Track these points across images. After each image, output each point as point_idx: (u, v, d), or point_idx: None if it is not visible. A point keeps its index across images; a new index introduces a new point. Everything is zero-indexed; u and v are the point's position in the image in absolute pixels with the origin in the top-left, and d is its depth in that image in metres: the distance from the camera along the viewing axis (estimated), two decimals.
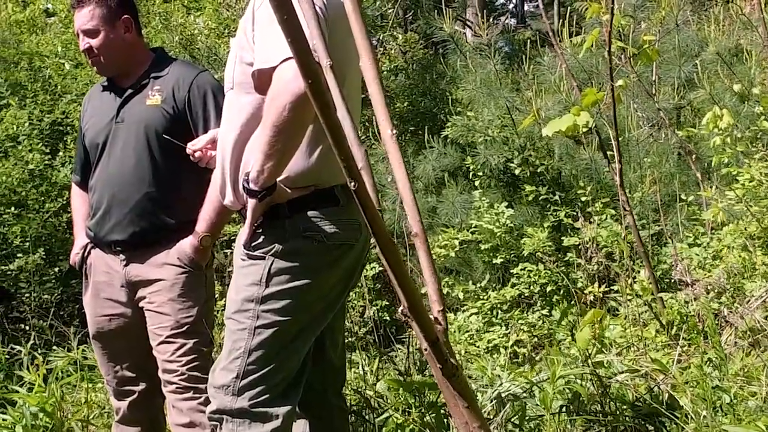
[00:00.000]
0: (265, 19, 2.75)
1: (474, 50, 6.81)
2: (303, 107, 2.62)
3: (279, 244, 2.85)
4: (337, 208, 2.91)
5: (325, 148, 2.86)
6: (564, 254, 6.14)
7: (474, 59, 6.57)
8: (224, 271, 7.32)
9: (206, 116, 3.80)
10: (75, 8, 3.89)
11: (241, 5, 7.71)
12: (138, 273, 3.83)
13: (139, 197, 3.78)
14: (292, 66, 2.61)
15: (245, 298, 2.87)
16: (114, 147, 3.84)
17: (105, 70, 3.93)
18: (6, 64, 10.16)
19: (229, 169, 2.93)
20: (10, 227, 7.71)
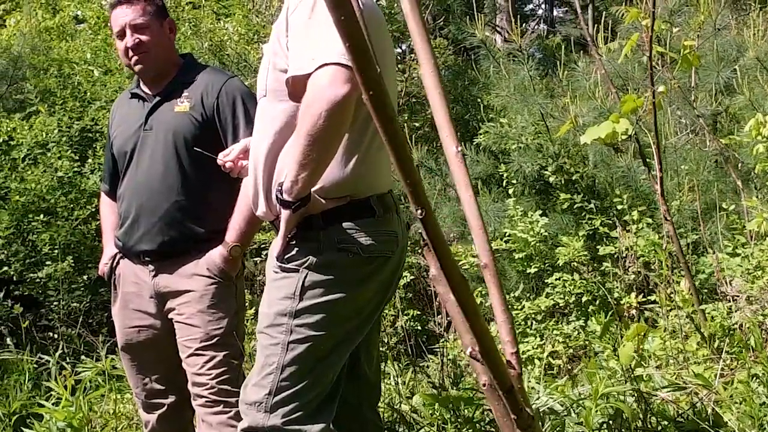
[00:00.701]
0: (299, 25, 2.66)
1: (507, 56, 6.70)
2: (339, 115, 2.53)
3: (313, 257, 2.76)
4: (373, 220, 2.82)
5: (361, 157, 2.77)
6: (599, 264, 6.01)
7: (507, 65, 6.45)
8: (253, 280, 7.25)
9: (235, 123, 3.72)
10: (122, 4, 3.81)
11: (270, 12, 7.63)
12: (167, 284, 3.76)
13: (168, 206, 3.71)
14: (327, 72, 2.53)
15: (278, 311, 2.78)
16: (142, 155, 3.76)
17: (149, 68, 3.83)
18: (36, 71, 10.16)
19: (262, 179, 2.85)
20: (39, 235, 7.67)
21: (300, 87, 2.62)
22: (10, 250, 7.68)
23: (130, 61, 3.80)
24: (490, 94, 6.94)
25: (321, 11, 2.63)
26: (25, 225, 7.83)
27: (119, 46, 3.81)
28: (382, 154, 2.91)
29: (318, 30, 2.61)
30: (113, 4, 3.85)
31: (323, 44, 2.57)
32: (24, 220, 7.83)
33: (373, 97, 1.42)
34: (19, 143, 8.39)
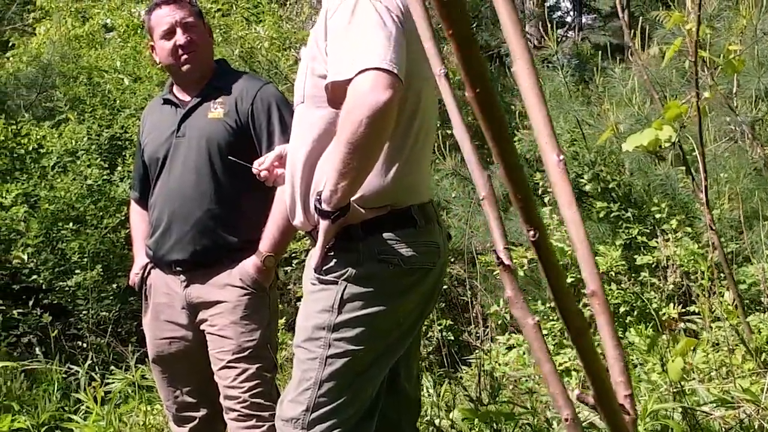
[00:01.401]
0: (339, 29, 2.57)
1: (541, 63, 6.59)
2: (381, 122, 2.44)
3: (352, 268, 2.66)
4: (414, 230, 2.72)
5: (402, 165, 2.68)
6: (637, 273, 5.88)
7: (542, 72, 6.35)
8: (284, 289, 7.17)
9: (270, 130, 3.64)
10: (167, 4, 3.74)
11: (301, 18, 7.57)
12: (199, 294, 3.68)
13: (201, 214, 3.62)
14: (369, 78, 2.43)
15: (316, 325, 2.69)
16: (174, 162, 3.68)
17: (195, 69, 3.75)
18: (65, 78, 10.16)
19: (300, 188, 2.76)
20: (68, 243, 7.64)
21: (340, 93, 2.52)
22: (39, 258, 7.64)
23: (178, 60, 3.72)
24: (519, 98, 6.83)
25: (362, 14, 2.54)
26: (55, 233, 7.80)
27: (165, 45, 3.72)
28: (424, 162, 2.82)
29: (359, 34, 2.52)
30: (157, 4, 3.78)
31: (364, 48, 2.48)
32: (53, 228, 7.80)
33: (479, 95, 1.15)
34: (48, 151, 8.38)
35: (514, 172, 1.24)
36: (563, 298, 1.31)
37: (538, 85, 1.25)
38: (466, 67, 1.13)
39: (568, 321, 1.32)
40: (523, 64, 1.27)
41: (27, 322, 7.29)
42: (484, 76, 1.14)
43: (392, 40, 2.50)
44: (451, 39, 1.10)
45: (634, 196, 6.25)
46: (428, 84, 2.78)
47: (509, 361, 5.73)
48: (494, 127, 1.20)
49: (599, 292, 1.39)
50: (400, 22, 2.57)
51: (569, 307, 1.32)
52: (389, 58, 2.45)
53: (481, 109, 1.18)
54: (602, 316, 1.41)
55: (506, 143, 1.22)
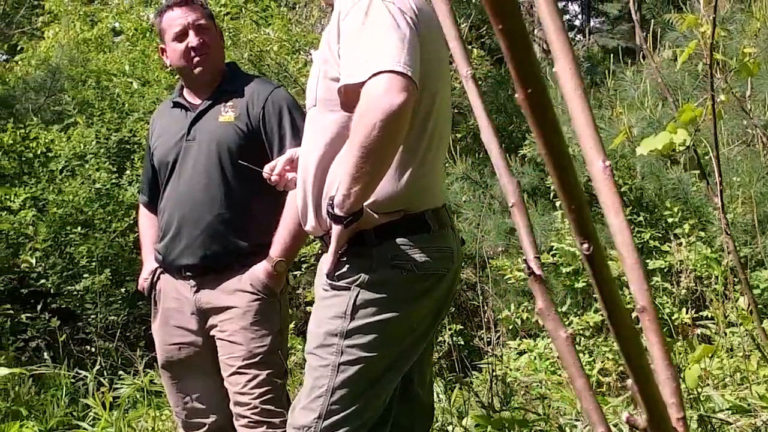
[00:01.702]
0: (352, 31, 2.53)
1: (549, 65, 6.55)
2: (394, 125, 2.40)
3: (365, 274, 2.62)
4: (428, 235, 2.68)
5: (416, 169, 2.64)
6: (649, 278, 5.83)
7: (553, 75, 6.26)
8: (292, 294, 7.14)
9: (282, 134, 3.60)
10: (179, 6, 3.71)
11: (310, 21, 7.53)
12: (209, 300, 3.64)
13: (211, 219, 3.59)
14: (382, 81, 2.39)
15: (328, 331, 2.65)
16: (184, 166, 3.65)
17: (207, 71, 3.71)
18: (74, 82, 10.16)
19: (312, 193, 2.72)
20: (77, 247, 7.62)
21: (353, 96, 2.49)
22: (47, 262, 7.63)
23: (190, 63, 3.68)
24: None
25: (375, 16, 2.51)
26: (63, 237, 7.79)
27: (177, 48, 3.68)
28: (437, 166, 2.79)
29: (372, 36, 2.48)
30: (168, 6, 3.74)
31: (378, 51, 2.44)
32: (61, 232, 7.79)
33: (531, 96, 1.06)
34: (57, 155, 8.37)
35: (567, 179, 1.14)
36: (618, 316, 1.22)
37: (582, 87, 1.18)
38: (517, 66, 1.03)
39: (622, 341, 1.24)
40: (566, 63, 1.17)
41: (35, 326, 7.29)
42: (537, 76, 1.05)
43: (406, 42, 2.46)
44: (501, 35, 1.02)
45: (645, 200, 6.20)
46: (442, 86, 2.74)
47: (520, 367, 5.68)
48: (547, 130, 1.10)
49: (649, 308, 1.32)
50: (413, 24, 2.54)
51: (624, 325, 1.23)
52: (403, 61, 2.41)
53: (533, 111, 1.08)
54: (653, 335, 1.33)
55: (560, 148, 1.12)
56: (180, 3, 3.73)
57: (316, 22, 7.60)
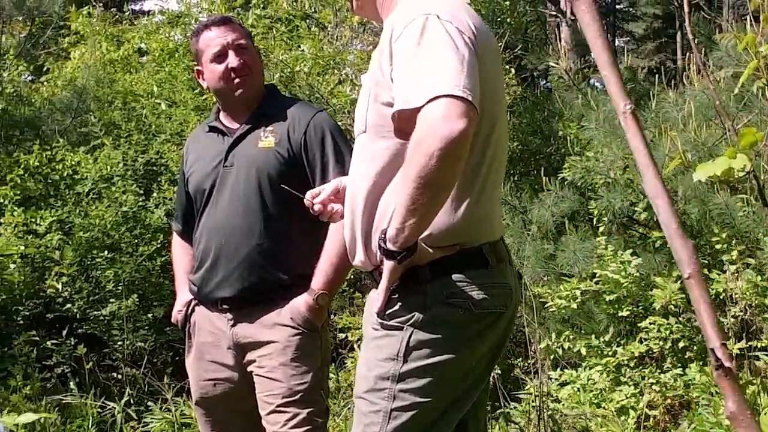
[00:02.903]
0: (407, 53, 2.36)
1: (590, 86, 6.38)
2: (454, 154, 2.22)
3: (419, 313, 2.44)
4: (485, 271, 2.50)
5: (473, 200, 2.46)
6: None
7: (595, 96, 6.11)
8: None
9: (324, 160, 3.43)
10: (217, 25, 3.56)
11: (342, 41, 7.38)
12: (247, 334, 3.47)
13: (249, 249, 3.42)
14: (441, 106, 2.22)
15: (379, 375, 2.47)
16: (222, 194, 3.48)
17: (249, 93, 3.54)
18: (100, 103, 10.06)
19: (361, 225, 2.54)
20: (103, 271, 7.47)
21: (408, 122, 2.32)
22: (73, 287, 7.48)
23: (231, 84, 3.51)
24: (572, 125, 6.61)
25: (432, 36, 2.34)
26: (89, 261, 7.64)
27: (216, 69, 3.51)
28: (495, 196, 2.61)
29: (429, 57, 2.31)
30: (205, 26, 3.58)
31: (435, 74, 2.27)
32: (87, 256, 7.64)
33: None
34: (83, 177, 8.24)
35: None
36: None
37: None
38: None
39: None
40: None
41: (61, 352, 7.13)
42: None
43: (465, 64, 2.29)
44: None
45: (690, 225, 5.99)
46: (501, 110, 2.57)
47: (562, 398, 5.48)
48: None
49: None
50: (472, 44, 2.37)
51: None
52: (463, 84, 2.24)
53: None
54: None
55: None
56: (218, 22, 3.58)
57: (348, 42, 7.45)
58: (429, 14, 2.38)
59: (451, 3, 2.50)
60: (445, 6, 2.44)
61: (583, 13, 1.44)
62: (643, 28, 30.11)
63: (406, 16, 2.42)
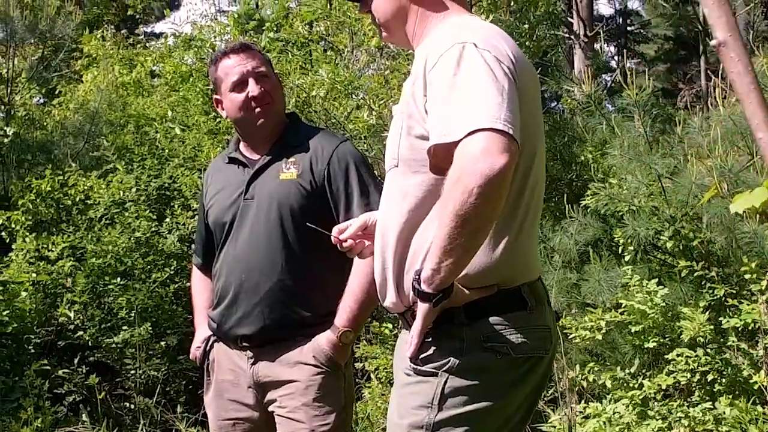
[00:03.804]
0: (442, 83, 2.23)
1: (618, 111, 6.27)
2: (495, 192, 2.09)
3: (455, 358, 2.32)
4: (525, 313, 2.37)
5: (512, 238, 2.33)
6: (724, 337, 5.46)
7: (619, 122, 5.98)
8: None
9: (348, 192, 3.31)
10: (236, 53, 3.44)
11: (358, 66, 7.28)
12: (268, 373, 3.34)
13: (271, 285, 3.29)
14: (480, 140, 2.10)
15: (413, 424, 2.34)
16: (242, 227, 3.36)
17: (269, 122, 3.43)
18: (113, 127, 9.98)
19: (392, 265, 2.41)
20: (116, 298, 7.35)
21: (444, 157, 2.19)
22: (85, 314, 7.37)
23: (251, 114, 3.39)
24: (595, 151, 6.49)
25: (469, 66, 2.21)
26: (101, 287, 7.53)
27: (236, 98, 3.39)
28: (534, 234, 2.48)
29: (467, 88, 2.18)
30: (224, 53, 3.46)
31: (474, 106, 2.14)
32: (100, 282, 7.53)
33: None
34: (95, 202, 8.14)
35: None
36: None
37: None
38: None
39: None
40: None
41: (72, 380, 7.00)
42: None
43: (505, 95, 2.17)
44: None
45: (717, 253, 5.84)
46: (540, 143, 2.45)
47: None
48: None
49: None
50: (511, 74, 2.24)
51: None
52: (503, 117, 2.12)
53: None
54: None
55: None
56: (237, 49, 3.46)
57: (364, 66, 7.34)
58: (465, 42, 2.26)
59: (487, 30, 2.39)
60: (482, 34, 2.33)
61: (733, 62, 1.29)
62: (654, 49, 30.02)
63: (440, 45, 2.30)
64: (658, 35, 28.63)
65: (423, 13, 2.53)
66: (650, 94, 5.70)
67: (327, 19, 7.83)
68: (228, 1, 29.93)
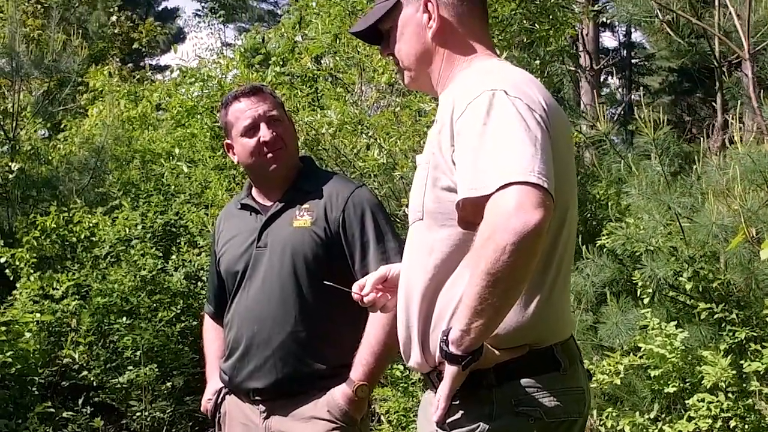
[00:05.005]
0: (472, 133, 2.11)
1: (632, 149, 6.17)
2: (529, 249, 1.97)
3: (484, 423, 2.18)
4: (557, 374, 2.24)
5: (544, 296, 2.21)
6: (746, 382, 5.32)
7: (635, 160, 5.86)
8: None
9: (364, 240, 3.19)
10: (247, 96, 3.33)
11: (368, 103, 7.17)
12: (281, 427, 3.22)
13: (284, 337, 3.17)
14: (514, 194, 1.98)
15: None
16: (255, 276, 3.24)
17: (282, 167, 3.31)
18: (118, 162, 9.90)
19: (417, 323, 2.29)
20: (121, 338, 7.23)
21: (474, 211, 2.07)
22: (90, 354, 7.24)
23: (263, 159, 3.27)
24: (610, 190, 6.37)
25: (500, 114, 2.09)
26: (106, 326, 7.41)
27: (247, 143, 3.28)
28: (566, 290, 2.35)
29: (498, 138, 2.07)
30: (234, 97, 3.35)
31: (506, 157, 2.03)
32: (105, 321, 7.41)
33: None
34: (101, 239, 8.03)
35: None
36: None
37: None
38: None
39: None
40: None
41: (76, 421, 6.87)
42: None
43: (538, 146, 2.05)
44: None
45: (736, 295, 5.70)
46: (572, 195, 2.33)
47: None
48: None
49: None
50: (544, 123, 2.13)
51: None
52: (537, 170, 2.00)
53: None
54: None
55: None
56: (247, 93, 3.35)
57: (374, 103, 7.24)
58: (495, 89, 2.14)
59: (517, 76, 2.27)
60: (513, 80, 2.21)
61: None
62: (658, 81, 29.97)
63: (468, 92, 2.19)
64: (663, 67, 28.58)
65: (449, 57, 2.41)
66: (667, 132, 5.57)
67: (335, 54, 7.73)
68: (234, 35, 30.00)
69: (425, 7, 2.42)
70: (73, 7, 17.53)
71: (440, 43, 2.42)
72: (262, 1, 34.26)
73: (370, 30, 2.56)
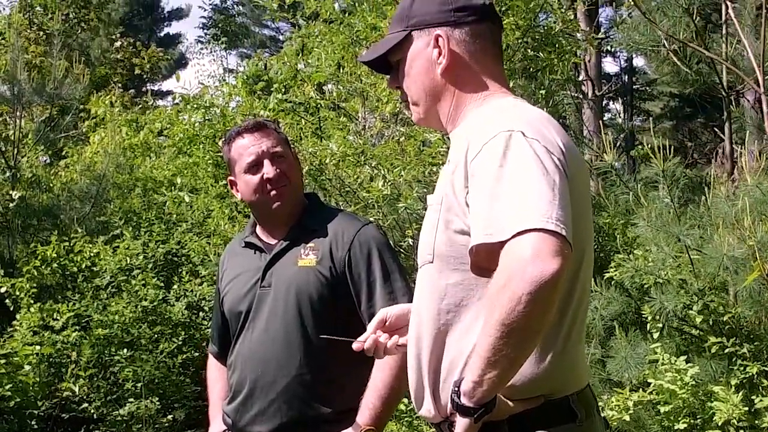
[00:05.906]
0: (487, 176, 2.03)
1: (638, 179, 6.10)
2: (546, 299, 1.89)
3: None
4: (574, 426, 2.14)
5: (560, 347, 2.12)
6: (757, 417, 5.22)
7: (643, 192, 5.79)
8: None
9: (370, 280, 3.10)
10: (250, 132, 3.26)
11: (371, 132, 7.12)
12: None
13: (288, 381, 3.08)
14: (530, 242, 1.89)
15: None
16: (258, 317, 3.15)
17: (286, 204, 3.22)
18: (120, 190, 9.84)
19: (428, 371, 2.20)
20: (122, 369, 7.14)
21: (488, 257, 1.98)
22: (91, 386, 7.16)
23: (267, 197, 3.19)
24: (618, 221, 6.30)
25: (517, 157, 2.01)
26: (107, 358, 7.33)
27: (250, 180, 3.20)
28: (582, 339, 2.26)
29: (514, 183, 1.98)
30: (238, 133, 3.28)
31: (522, 203, 1.94)
32: (105, 352, 7.33)
33: None
34: (102, 269, 7.96)
35: None
36: None
37: None
38: None
39: None
40: None
41: None
42: None
43: (557, 191, 1.97)
44: None
45: (747, 328, 5.62)
46: (590, 239, 2.24)
47: None
48: None
49: None
50: (562, 166, 2.04)
51: None
52: (555, 216, 1.92)
53: None
54: None
55: None
56: (251, 128, 3.27)
57: (378, 132, 7.17)
58: (512, 131, 2.05)
59: (534, 116, 2.19)
60: (529, 120, 2.13)
61: None
62: (660, 107, 29.97)
63: (484, 131, 2.10)
64: (664, 92, 28.57)
65: (460, 94, 2.32)
66: (677, 163, 5.51)
67: (338, 84, 7.68)
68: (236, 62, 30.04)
69: (435, 42, 2.33)
70: (75, 34, 17.53)
71: (450, 79, 2.33)
72: (264, 28, 34.31)
73: (380, 59, 2.48)
